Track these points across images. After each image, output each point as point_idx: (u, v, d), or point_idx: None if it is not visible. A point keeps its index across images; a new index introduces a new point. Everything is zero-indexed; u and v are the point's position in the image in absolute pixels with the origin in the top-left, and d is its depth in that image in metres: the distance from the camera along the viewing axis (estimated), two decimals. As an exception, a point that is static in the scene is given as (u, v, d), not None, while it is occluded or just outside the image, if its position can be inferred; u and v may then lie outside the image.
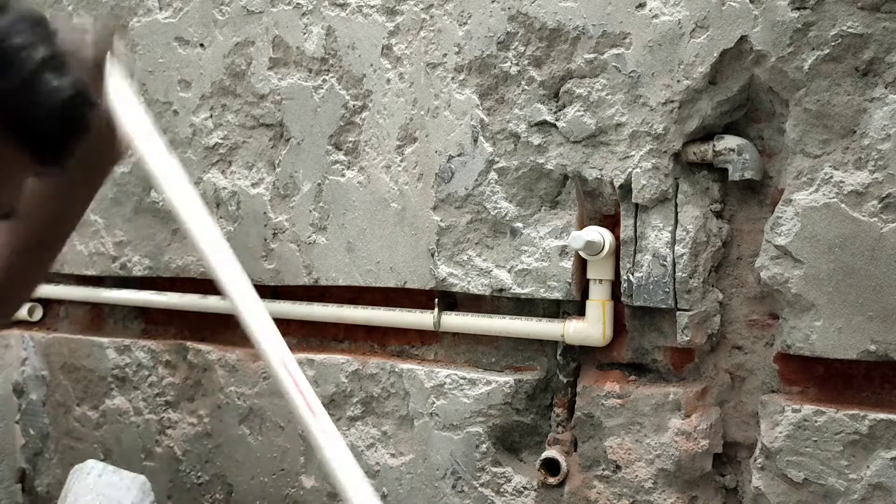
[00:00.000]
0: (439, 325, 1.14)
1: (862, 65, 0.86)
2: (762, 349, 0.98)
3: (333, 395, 1.24)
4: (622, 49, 0.99)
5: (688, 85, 0.95)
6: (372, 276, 1.20)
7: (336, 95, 1.22)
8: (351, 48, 1.21)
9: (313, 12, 1.24)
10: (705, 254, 0.97)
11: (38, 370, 1.56)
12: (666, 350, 1.02)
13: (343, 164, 1.22)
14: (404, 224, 1.16)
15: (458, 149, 1.11)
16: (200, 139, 1.34)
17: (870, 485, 0.86)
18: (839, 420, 0.88)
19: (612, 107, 1.00)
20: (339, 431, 1.26)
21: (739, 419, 1.00)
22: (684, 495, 0.98)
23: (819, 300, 0.89)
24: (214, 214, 1.35)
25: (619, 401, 1.01)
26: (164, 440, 1.40)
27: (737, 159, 0.94)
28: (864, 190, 0.86)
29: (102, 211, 1.44)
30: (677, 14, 0.95)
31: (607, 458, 1.02)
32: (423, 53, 1.14)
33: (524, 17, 1.05)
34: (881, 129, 0.85)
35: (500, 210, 1.09)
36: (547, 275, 1.06)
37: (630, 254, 1.00)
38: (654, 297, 0.98)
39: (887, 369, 0.89)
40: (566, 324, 1.04)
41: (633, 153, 0.99)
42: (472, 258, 1.11)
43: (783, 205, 0.91)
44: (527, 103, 1.06)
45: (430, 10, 1.14)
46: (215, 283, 0.67)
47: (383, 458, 1.19)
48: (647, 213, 0.99)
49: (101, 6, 1.42)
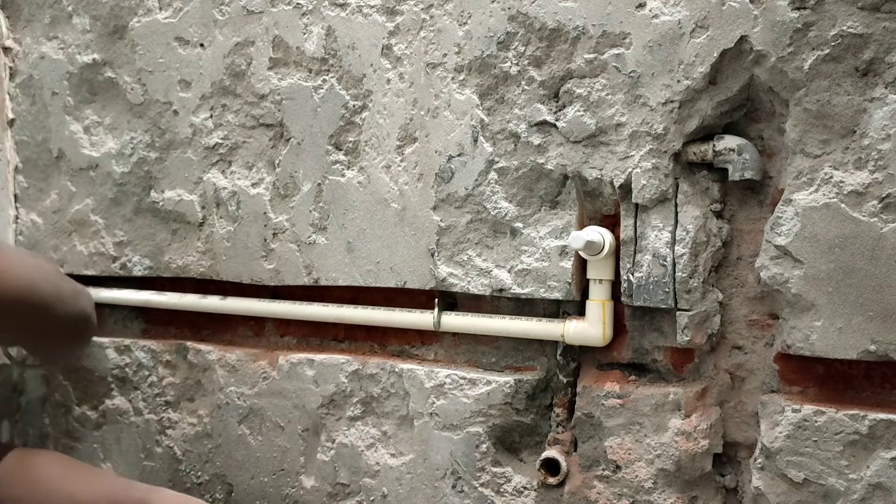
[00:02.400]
0: (439, 325, 1.14)
1: (862, 65, 0.86)
2: (762, 349, 0.98)
3: (333, 395, 1.24)
4: (622, 49, 0.99)
5: (688, 85, 0.95)
6: (372, 277, 1.20)
7: (336, 95, 1.22)
8: (351, 48, 1.21)
9: (313, 12, 1.24)
10: (705, 254, 0.97)
11: (38, 370, 1.56)
12: (666, 350, 1.02)
13: (343, 164, 1.22)
14: (404, 224, 1.16)
15: (458, 149, 1.11)
16: (200, 139, 1.34)
17: (870, 485, 0.86)
18: (839, 420, 0.88)
19: (612, 107, 1.00)
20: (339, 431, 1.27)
21: (739, 419, 1.00)
22: (684, 495, 0.98)
23: (819, 300, 0.89)
24: (215, 214, 1.34)
25: (619, 401, 1.01)
26: (164, 440, 1.40)
27: (737, 159, 0.94)
28: (864, 190, 0.86)
29: (102, 211, 1.44)
30: (677, 14, 0.95)
31: (607, 458, 1.02)
32: (423, 53, 1.14)
33: (524, 18, 1.05)
34: (881, 129, 0.85)
35: (500, 210, 1.09)
36: (547, 275, 1.06)
37: (630, 254, 1.00)
38: (654, 297, 0.98)
39: (887, 369, 0.89)
40: (566, 324, 1.04)
41: (633, 153, 0.99)
42: (472, 258, 1.11)
43: (783, 205, 0.91)
44: (527, 103, 1.06)
45: (430, 10, 1.14)
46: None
47: (383, 457, 1.19)
48: (647, 213, 0.99)
49: (101, 6, 1.42)
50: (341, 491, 1.23)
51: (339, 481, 1.23)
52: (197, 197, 1.36)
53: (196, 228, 1.37)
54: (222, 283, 1.36)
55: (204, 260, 1.36)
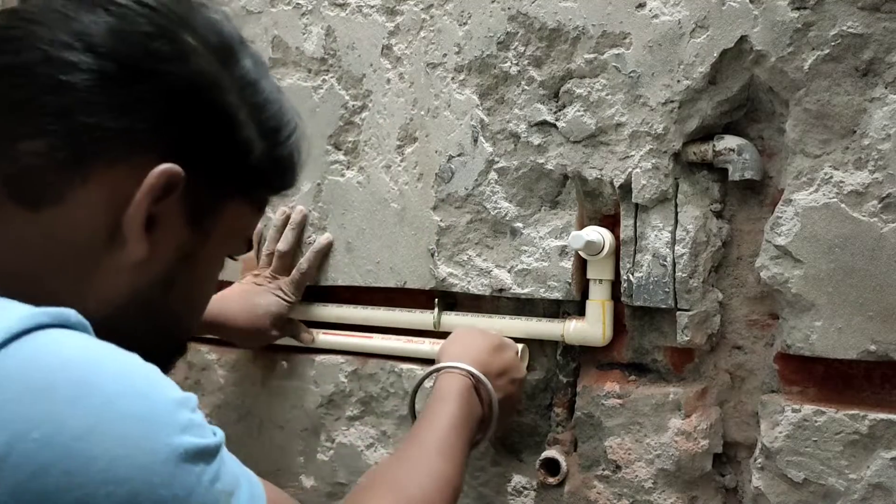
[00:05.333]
0: (439, 325, 1.14)
1: (862, 65, 0.86)
2: (762, 349, 0.98)
3: (332, 394, 1.24)
4: (622, 49, 0.99)
5: (688, 85, 0.95)
6: (372, 276, 1.20)
7: (335, 95, 1.22)
8: (350, 48, 1.21)
9: (313, 12, 1.24)
10: (705, 254, 0.97)
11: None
12: (666, 350, 1.02)
13: (343, 164, 1.22)
14: (404, 224, 1.16)
15: (458, 149, 1.11)
16: (200, 139, 1.34)
17: (870, 485, 0.86)
18: (839, 420, 0.88)
19: (612, 107, 1.00)
20: (338, 431, 1.27)
21: (739, 419, 1.00)
22: (684, 495, 0.98)
23: (819, 300, 0.89)
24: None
25: (619, 401, 1.01)
26: (163, 440, 1.40)
27: (737, 159, 0.94)
28: (864, 190, 0.86)
29: (102, 211, 1.44)
30: (677, 14, 0.95)
31: (607, 458, 1.02)
32: (423, 53, 1.14)
33: (524, 18, 1.05)
34: (881, 129, 0.85)
35: (500, 210, 1.09)
36: (547, 275, 1.06)
37: (630, 254, 1.00)
38: (654, 297, 0.98)
39: (887, 369, 0.89)
40: (566, 324, 1.04)
41: (633, 153, 0.99)
42: (472, 258, 1.11)
43: (783, 205, 0.91)
44: (527, 103, 1.06)
45: (430, 10, 1.14)
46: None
47: (383, 457, 1.19)
48: (647, 213, 0.99)
49: (101, 6, 1.42)
50: (340, 491, 1.23)
51: (338, 481, 1.23)
52: (196, 197, 1.36)
53: (195, 228, 1.37)
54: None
55: (203, 260, 1.36)
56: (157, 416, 0.49)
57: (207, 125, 0.60)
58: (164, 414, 0.50)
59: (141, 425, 0.48)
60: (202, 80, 0.59)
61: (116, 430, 0.47)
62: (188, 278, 0.63)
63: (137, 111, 0.56)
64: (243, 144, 0.62)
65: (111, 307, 0.58)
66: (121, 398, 0.48)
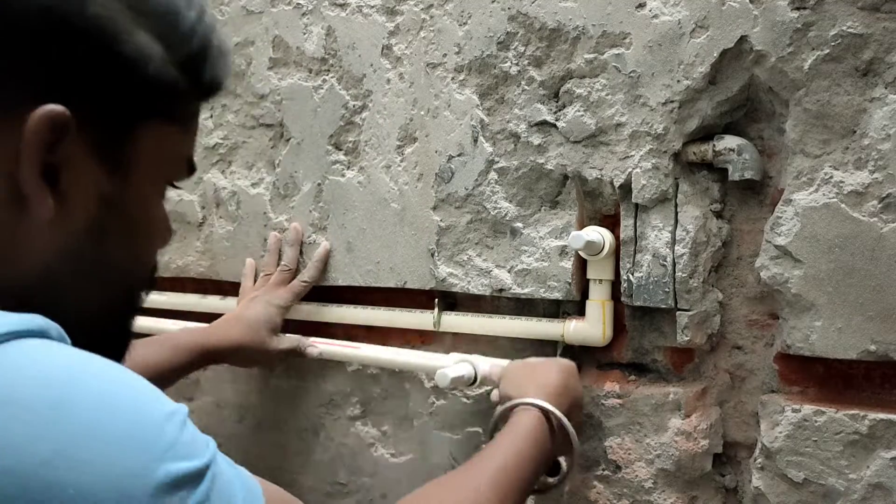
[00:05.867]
0: (439, 325, 1.14)
1: (862, 65, 0.86)
2: (762, 349, 0.98)
3: (333, 394, 1.24)
4: (622, 49, 0.99)
5: (688, 85, 0.95)
6: (372, 276, 1.20)
7: (336, 95, 1.22)
8: (351, 48, 1.21)
9: (313, 12, 1.24)
10: (705, 254, 0.97)
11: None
12: (666, 350, 1.02)
13: (343, 164, 1.22)
14: (404, 224, 1.16)
15: (458, 149, 1.11)
16: (200, 139, 1.34)
17: (870, 485, 0.86)
18: (839, 420, 0.88)
19: (612, 107, 1.00)
20: (338, 431, 1.27)
21: (739, 419, 1.00)
22: (684, 495, 0.98)
23: (819, 300, 0.89)
24: (214, 214, 1.34)
25: (618, 401, 1.01)
26: (163, 440, 1.40)
27: (737, 159, 0.94)
28: (864, 190, 0.86)
29: (102, 211, 1.44)
30: (677, 14, 0.95)
31: (607, 458, 1.02)
32: (423, 53, 1.14)
33: (524, 17, 1.05)
34: (881, 129, 0.85)
35: (500, 210, 1.09)
36: (547, 275, 1.06)
37: (630, 254, 1.00)
38: (654, 297, 0.98)
39: (887, 369, 0.89)
40: (566, 324, 1.04)
41: (633, 153, 0.99)
42: (472, 258, 1.11)
43: (783, 205, 0.91)
44: (527, 103, 1.06)
45: (430, 10, 1.14)
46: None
47: (383, 457, 1.19)
48: (647, 213, 0.99)
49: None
50: (340, 490, 1.23)
51: (337, 481, 1.23)
52: (197, 197, 1.36)
53: (196, 228, 1.37)
54: (222, 283, 1.36)
55: (203, 260, 1.36)
56: (138, 439, 0.45)
57: (79, 48, 0.50)
58: (146, 437, 0.46)
59: (117, 449, 0.44)
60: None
61: (88, 455, 0.42)
62: (121, 222, 0.56)
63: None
64: (132, 57, 0.52)
65: (43, 270, 0.52)
66: (98, 420, 0.44)
